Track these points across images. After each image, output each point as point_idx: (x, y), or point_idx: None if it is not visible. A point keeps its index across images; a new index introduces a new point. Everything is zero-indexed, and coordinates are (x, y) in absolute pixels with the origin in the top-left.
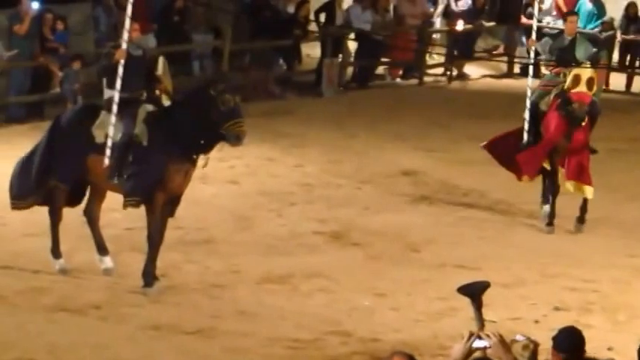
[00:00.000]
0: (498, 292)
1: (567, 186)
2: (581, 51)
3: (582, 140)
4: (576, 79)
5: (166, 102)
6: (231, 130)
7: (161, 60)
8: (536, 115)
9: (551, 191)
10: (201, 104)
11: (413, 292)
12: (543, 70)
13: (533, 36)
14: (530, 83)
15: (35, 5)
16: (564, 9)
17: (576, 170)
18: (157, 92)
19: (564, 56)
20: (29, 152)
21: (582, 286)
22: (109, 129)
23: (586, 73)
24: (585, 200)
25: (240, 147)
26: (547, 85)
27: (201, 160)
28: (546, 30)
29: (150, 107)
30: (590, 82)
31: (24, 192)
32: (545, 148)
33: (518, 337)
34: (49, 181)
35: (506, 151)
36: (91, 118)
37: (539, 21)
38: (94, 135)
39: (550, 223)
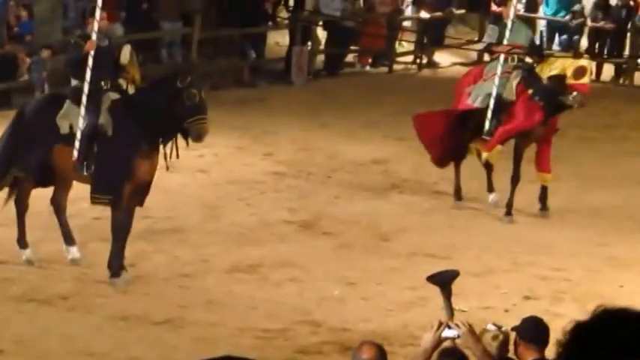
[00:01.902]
0: (468, 281)
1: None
2: (522, 35)
3: (554, 127)
4: (581, 71)
5: (131, 91)
6: (193, 126)
7: (127, 48)
8: (499, 103)
9: (514, 180)
10: (166, 95)
11: (383, 281)
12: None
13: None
14: (498, 72)
15: None
16: None
17: (540, 158)
18: (123, 81)
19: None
20: None
21: (553, 274)
22: (76, 120)
23: (580, 62)
24: (545, 188)
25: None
26: (505, 72)
27: (165, 150)
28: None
29: (114, 96)
30: (581, 70)
31: None
32: (510, 133)
33: (489, 327)
34: (10, 170)
35: (432, 131)
36: (55, 108)
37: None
38: (58, 125)
39: (509, 213)
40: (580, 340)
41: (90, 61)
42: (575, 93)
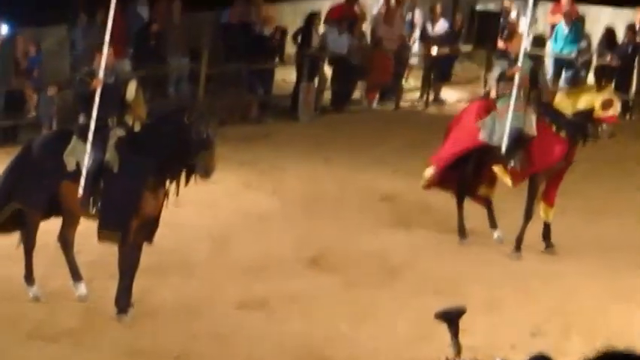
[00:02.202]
0: (476, 317)
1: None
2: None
3: (572, 160)
4: (609, 103)
5: (137, 127)
6: (201, 161)
7: (133, 85)
8: (519, 139)
9: (527, 216)
10: (173, 131)
11: (391, 317)
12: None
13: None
14: (511, 108)
15: (4, 29)
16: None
17: (549, 190)
18: (129, 118)
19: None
20: None
21: (560, 309)
22: (83, 157)
23: (606, 94)
24: (547, 226)
25: (212, 176)
26: (520, 108)
27: (170, 188)
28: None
29: (120, 132)
30: (609, 103)
31: None
32: (537, 170)
33: None
34: (8, 204)
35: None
36: (62, 144)
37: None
38: (65, 162)
39: (518, 248)
40: None
41: (97, 99)
42: (604, 125)
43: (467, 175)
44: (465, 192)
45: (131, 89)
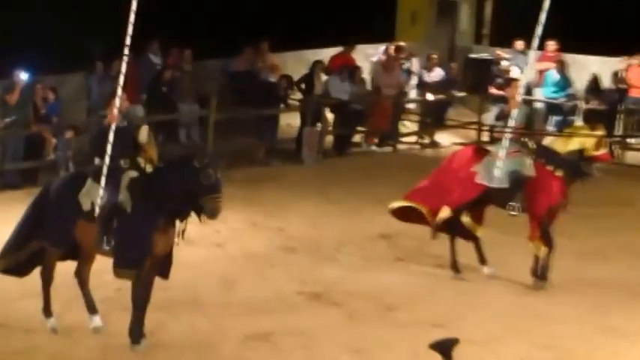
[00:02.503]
0: (469, 349)
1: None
2: (523, 116)
3: (568, 198)
4: (602, 142)
5: (150, 169)
6: (209, 203)
7: (144, 129)
8: (519, 180)
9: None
10: (184, 175)
11: (389, 349)
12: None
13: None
14: (503, 152)
15: (24, 76)
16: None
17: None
18: (141, 160)
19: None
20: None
21: (551, 343)
22: (97, 198)
23: (598, 134)
24: (538, 258)
25: (219, 217)
26: (515, 151)
27: (179, 227)
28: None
29: (133, 174)
30: (602, 142)
31: (3, 251)
32: (542, 212)
33: None
34: (29, 244)
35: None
36: (78, 186)
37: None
38: (81, 202)
39: (544, 277)
40: None
41: (111, 136)
42: (597, 164)
43: (459, 214)
44: (456, 230)
45: (143, 133)
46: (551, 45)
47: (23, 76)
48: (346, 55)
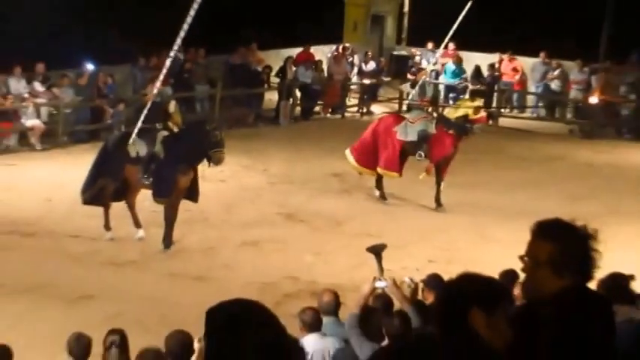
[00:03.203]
0: (393, 251)
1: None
2: (429, 92)
3: (457, 150)
4: (479, 110)
5: (176, 130)
6: (215, 155)
7: (173, 103)
8: (425, 136)
9: (437, 184)
10: (199, 134)
11: (339, 252)
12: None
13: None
14: (411, 116)
15: (90, 66)
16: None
17: (443, 173)
18: (170, 124)
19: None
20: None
21: (449, 247)
22: (141, 148)
23: (475, 103)
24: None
25: (221, 165)
26: (426, 116)
27: (201, 167)
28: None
29: (165, 133)
30: (478, 109)
31: (83, 189)
32: (438, 159)
33: (406, 280)
34: (98, 181)
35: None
36: (127, 140)
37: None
38: (129, 151)
39: (439, 204)
40: (446, 291)
41: (146, 110)
42: (477, 125)
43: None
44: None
45: (172, 105)
46: (451, 45)
47: (90, 66)
48: (307, 52)
